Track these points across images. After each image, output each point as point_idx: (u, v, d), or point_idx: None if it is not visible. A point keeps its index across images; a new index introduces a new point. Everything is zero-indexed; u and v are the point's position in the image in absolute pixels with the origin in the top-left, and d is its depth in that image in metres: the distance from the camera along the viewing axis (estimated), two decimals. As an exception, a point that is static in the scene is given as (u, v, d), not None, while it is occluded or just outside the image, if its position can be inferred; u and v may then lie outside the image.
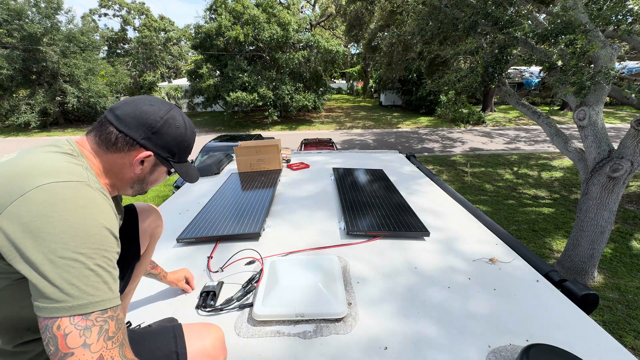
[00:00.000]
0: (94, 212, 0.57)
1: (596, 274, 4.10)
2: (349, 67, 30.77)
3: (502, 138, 13.21)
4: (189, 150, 0.82)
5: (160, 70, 28.62)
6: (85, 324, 0.50)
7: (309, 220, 1.71)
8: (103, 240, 0.56)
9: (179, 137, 0.77)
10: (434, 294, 1.11)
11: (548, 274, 1.20)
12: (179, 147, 0.78)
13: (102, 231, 0.56)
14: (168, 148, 0.76)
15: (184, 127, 0.78)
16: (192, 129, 0.83)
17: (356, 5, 15.37)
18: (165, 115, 0.74)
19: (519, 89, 20.04)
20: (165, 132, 0.74)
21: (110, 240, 0.58)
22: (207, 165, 2.57)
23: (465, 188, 7.70)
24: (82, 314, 0.50)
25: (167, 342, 0.74)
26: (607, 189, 3.65)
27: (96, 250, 0.54)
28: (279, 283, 1.12)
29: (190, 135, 0.81)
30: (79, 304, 0.50)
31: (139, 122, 0.71)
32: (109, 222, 0.59)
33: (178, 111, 0.78)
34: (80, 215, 0.54)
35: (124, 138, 0.70)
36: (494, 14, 4.33)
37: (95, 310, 0.52)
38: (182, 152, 0.80)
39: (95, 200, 0.58)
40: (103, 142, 0.70)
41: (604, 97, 3.74)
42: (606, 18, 3.58)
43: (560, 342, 0.87)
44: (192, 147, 0.83)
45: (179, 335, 0.75)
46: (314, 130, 16.13)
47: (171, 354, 0.71)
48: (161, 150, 0.75)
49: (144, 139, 0.72)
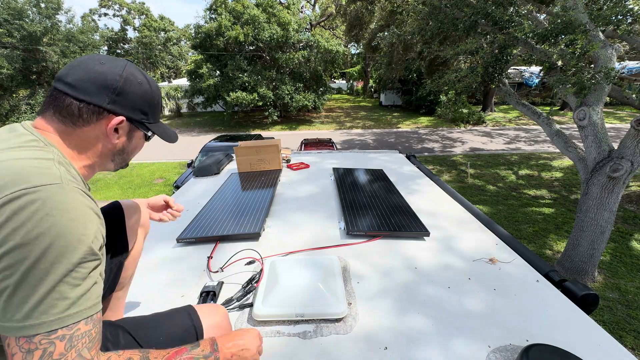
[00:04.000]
0: (68, 223, 0.51)
1: (596, 274, 4.10)
2: (349, 67, 30.76)
3: (502, 138, 13.22)
4: (159, 106, 0.78)
5: (160, 70, 28.63)
6: (28, 347, 0.47)
7: (309, 220, 1.71)
8: (72, 252, 0.51)
9: (145, 94, 0.71)
10: (434, 294, 1.11)
11: (548, 274, 1.20)
12: (149, 105, 0.73)
13: (71, 242, 0.51)
14: (139, 108, 0.70)
15: (146, 82, 0.72)
16: (155, 82, 0.77)
17: (356, 5, 15.37)
18: (123, 72, 0.67)
19: (519, 89, 20.04)
20: (129, 91, 0.67)
21: (79, 249, 0.52)
22: (207, 165, 2.57)
23: (465, 188, 7.70)
24: (26, 336, 0.47)
25: (183, 319, 0.76)
26: (607, 189, 3.65)
27: (60, 264, 0.50)
28: (279, 283, 1.12)
29: (155, 89, 0.75)
30: (25, 325, 0.47)
31: (97, 85, 0.64)
32: (85, 230, 0.53)
33: (133, 66, 0.72)
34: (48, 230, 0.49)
35: (87, 107, 0.63)
36: (494, 14, 4.33)
37: (41, 332, 0.47)
38: (154, 110, 0.75)
39: (64, 203, 0.52)
40: (67, 117, 0.63)
41: (604, 97, 3.74)
42: (606, 18, 3.58)
43: (560, 342, 0.87)
44: (161, 103, 0.79)
45: (193, 312, 0.78)
46: (314, 130, 16.14)
47: (189, 328, 0.74)
48: (132, 112, 0.69)
49: (110, 104, 0.65)
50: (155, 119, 0.76)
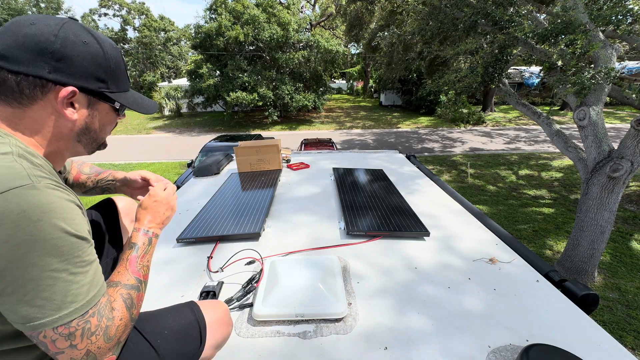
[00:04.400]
0: (51, 218, 0.49)
1: (596, 274, 4.10)
2: (349, 67, 30.77)
3: (502, 138, 13.22)
4: (120, 71, 0.65)
5: (160, 70, 28.64)
6: (68, 332, 0.51)
7: (309, 220, 1.71)
8: (69, 246, 0.51)
9: (95, 56, 0.59)
10: (434, 294, 1.11)
11: (548, 274, 1.20)
12: (105, 70, 0.62)
13: (64, 237, 0.50)
14: (92, 75, 0.60)
15: (94, 42, 0.60)
16: (110, 43, 0.64)
17: (356, 5, 15.37)
18: (59, 32, 0.55)
19: (519, 89, 20.04)
20: (72, 54, 0.56)
21: (74, 242, 0.52)
22: (207, 165, 2.57)
23: (465, 188, 7.70)
24: (64, 324, 0.51)
25: (187, 313, 0.77)
26: (607, 189, 3.65)
27: (65, 260, 0.50)
28: (279, 283, 1.12)
29: (110, 50, 0.63)
30: (60, 315, 0.50)
31: (30, 51, 0.53)
32: (73, 224, 0.52)
33: (77, 24, 0.60)
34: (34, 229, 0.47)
35: (26, 80, 0.54)
36: (494, 14, 4.33)
37: (76, 317, 0.52)
38: (113, 75, 0.63)
39: (42, 205, 0.48)
40: (9, 97, 0.54)
41: (604, 97, 3.74)
42: (606, 18, 3.58)
43: (560, 342, 0.87)
44: (123, 66, 0.67)
45: (195, 307, 0.79)
46: (314, 130, 16.14)
47: (192, 322, 0.75)
48: (84, 80, 0.59)
49: (52, 73, 0.55)
50: (119, 87, 0.65)
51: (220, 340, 0.80)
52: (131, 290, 0.65)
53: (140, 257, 0.71)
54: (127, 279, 0.66)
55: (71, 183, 0.96)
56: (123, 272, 0.68)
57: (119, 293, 0.63)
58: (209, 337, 0.75)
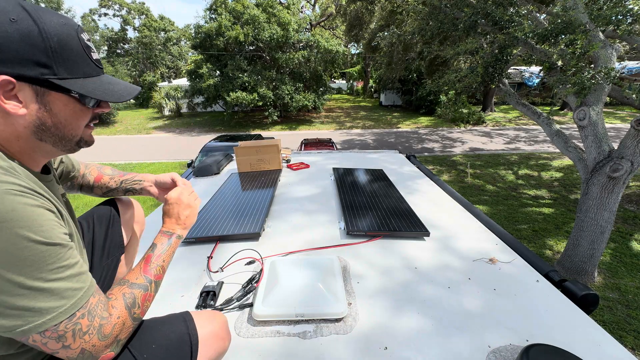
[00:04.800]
0: (12, 227, 0.45)
1: (596, 274, 4.10)
2: (349, 67, 30.77)
3: (502, 138, 13.22)
4: (70, 51, 0.53)
5: (160, 70, 28.64)
6: (57, 335, 0.50)
7: (309, 220, 1.71)
8: (39, 255, 0.48)
9: (27, 36, 0.48)
10: (434, 294, 1.11)
11: (548, 274, 1.20)
12: (44, 52, 0.50)
13: (31, 247, 0.47)
14: (29, 59, 0.49)
15: (27, 17, 0.48)
16: (51, 19, 0.51)
17: (356, 5, 15.37)
18: None
19: (519, 89, 20.05)
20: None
21: (43, 250, 0.48)
22: (207, 165, 2.57)
23: (465, 188, 7.70)
24: (50, 328, 0.49)
25: (179, 325, 0.73)
26: (607, 189, 3.65)
27: (37, 269, 0.47)
28: (279, 283, 1.12)
29: (50, 26, 0.50)
30: (43, 321, 0.48)
31: None
32: (31, 229, 0.47)
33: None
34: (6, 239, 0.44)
35: None
36: (494, 14, 4.33)
37: (63, 319, 0.50)
38: (59, 58, 0.51)
39: (0, 213, 0.45)
40: None
41: (604, 97, 3.74)
42: (606, 18, 3.58)
43: (560, 342, 0.87)
44: (76, 46, 0.54)
45: (189, 319, 0.75)
46: (314, 130, 16.14)
47: (183, 335, 0.71)
48: (18, 67, 0.48)
49: None
50: (72, 72, 0.54)
51: (214, 356, 0.75)
52: (136, 290, 0.64)
53: (156, 257, 0.71)
54: (135, 278, 0.66)
55: (92, 184, 0.96)
56: (136, 270, 0.68)
57: (122, 292, 0.63)
58: (201, 353, 0.70)
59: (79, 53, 0.55)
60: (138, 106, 26.38)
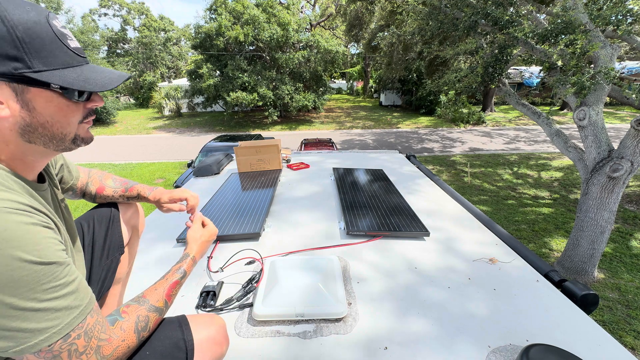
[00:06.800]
0: (5, 248, 0.43)
1: (596, 274, 4.10)
2: (349, 67, 30.78)
3: (501, 138, 13.22)
4: (44, 41, 0.48)
5: (160, 70, 28.64)
6: (52, 355, 0.49)
7: (309, 220, 1.71)
8: (33, 275, 0.46)
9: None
10: (434, 294, 1.11)
11: (548, 274, 1.20)
12: (13, 44, 0.45)
13: (25, 267, 0.45)
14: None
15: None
16: (17, 7, 0.47)
17: (356, 5, 15.39)
18: None
19: (519, 89, 20.05)
20: None
21: (38, 270, 0.46)
22: (207, 165, 2.57)
23: (465, 188, 7.70)
24: (46, 348, 0.48)
25: (174, 330, 0.70)
26: (607, 189, 3.65)
27: (30, 289, 0.46)
28: (279, 283, 1.12)
29: (17, 15, 0.46)
30: (36, 342, 0.47)
31: None
32: (25, 249, 0.45)
33: None
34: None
35: None
36: (493, 14, 4.33)
37: (58, 339, 0.49)
38: (31, 49, 0.47)
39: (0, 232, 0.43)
40: None
41: (604, 97, 3.74)
42: (606, 18, 3.58)
43: (560, 342, 0.87)
44: (51, 35, 0.49)
45: (184, 323, 0.73)
46: (314, 130, 16.14)
47: (179, 341, 0.69)
48: None
49: None
50: (49, 63, 0.49)
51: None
52: (152, 313, 0.64)
53: (180, 284, 0.75)
54: (156, 301, 0.67)
55: (94, 195, 0.96)
56: (159, 292, 0.69)
57: (137, 314, 0.62)
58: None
59: (53, 41, 0.49)
60: (138, 106, 26.39)
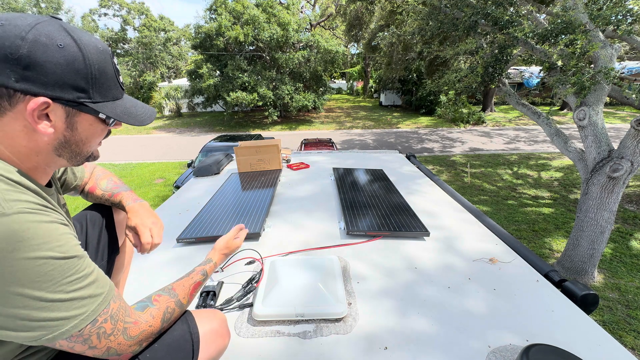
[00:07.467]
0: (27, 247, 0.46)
1: (596, 274, 4.10)
2: (349, 67, 30.78)
3: (501, 138, 13.22)
4: (105, 77, 0.57)
5: (160, 70, 28.61)
6: (83, 338, 0.53)
7: (309, 220, 1.71)
8: (58, 269, 0.49)
9: (72, 62, 0.51)
10: (434, 294, 1.11)
11: (548, 274, 1.20)
12: (85, 77, 0.53)
13: (49, 263, 0.48)
14: (68, 84, 0.51)
15: (73, 45, 0.51)
16: (93, 44, 0.55)
17: (356, 5, 15.39)
18: (28, 34, 0.48)
19: (519, 89, 20.04)
20: (43, 60, 0.48)
21: (62, 264, 0.50)
22: (207, 165, 2.57)
23: (465, 188, 7.70)
24: (77, 332, 0.52)
25: (180, 324, 0.73)
26: (607, 189, 3.65)
27: (56, 283, 0.49)
28: (279, 283, 1.12)
29: (93, 53, 0.54)
30: (67, 328, 0.50)
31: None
32: (48, 246, 0.48)
33: (52, 23, 0.51)
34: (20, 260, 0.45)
35: None
36: (493, 14, 4.33)
37: (87, 324, 0.53)
38: (96, 83, 0.55)
39: (15, 233, 0.45)
40: None
41: (604, 97, 3.74)
42: (606, 18, 3.58)
43: (560, 342, 0.87)
44: (111, 72, 0.58)
45: (190, 318, 0.76)
46: (314, 130, 16.14)
47: (185, 334, 0.72)
48: (59, 90, 0.51)
49: (20, 82, 0.48)
50: (104, 96, 0.57)
51: (215, 353, 0.76)
52: (178, 307, 0.70)
53: (201, 286, 0.83)
54: (183, 297, 0.74)
55: (86, 192, 0.97)
56: (186, 289, 0.76)
57: (167, 305, 0.68)
58: (202, 351, 0.71)
59: (111, 78, 0.58)
60: (138, 106, 26.23)
